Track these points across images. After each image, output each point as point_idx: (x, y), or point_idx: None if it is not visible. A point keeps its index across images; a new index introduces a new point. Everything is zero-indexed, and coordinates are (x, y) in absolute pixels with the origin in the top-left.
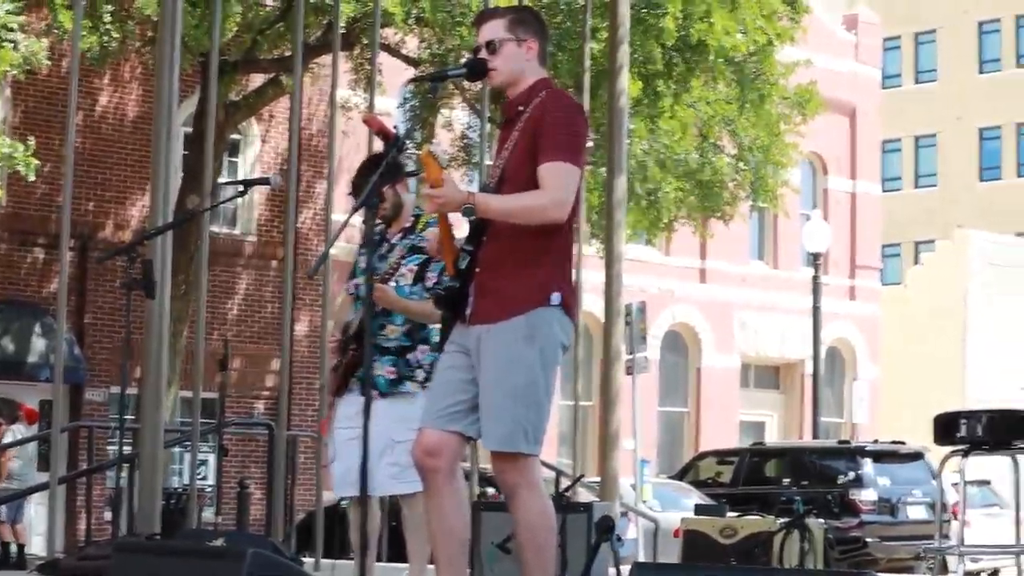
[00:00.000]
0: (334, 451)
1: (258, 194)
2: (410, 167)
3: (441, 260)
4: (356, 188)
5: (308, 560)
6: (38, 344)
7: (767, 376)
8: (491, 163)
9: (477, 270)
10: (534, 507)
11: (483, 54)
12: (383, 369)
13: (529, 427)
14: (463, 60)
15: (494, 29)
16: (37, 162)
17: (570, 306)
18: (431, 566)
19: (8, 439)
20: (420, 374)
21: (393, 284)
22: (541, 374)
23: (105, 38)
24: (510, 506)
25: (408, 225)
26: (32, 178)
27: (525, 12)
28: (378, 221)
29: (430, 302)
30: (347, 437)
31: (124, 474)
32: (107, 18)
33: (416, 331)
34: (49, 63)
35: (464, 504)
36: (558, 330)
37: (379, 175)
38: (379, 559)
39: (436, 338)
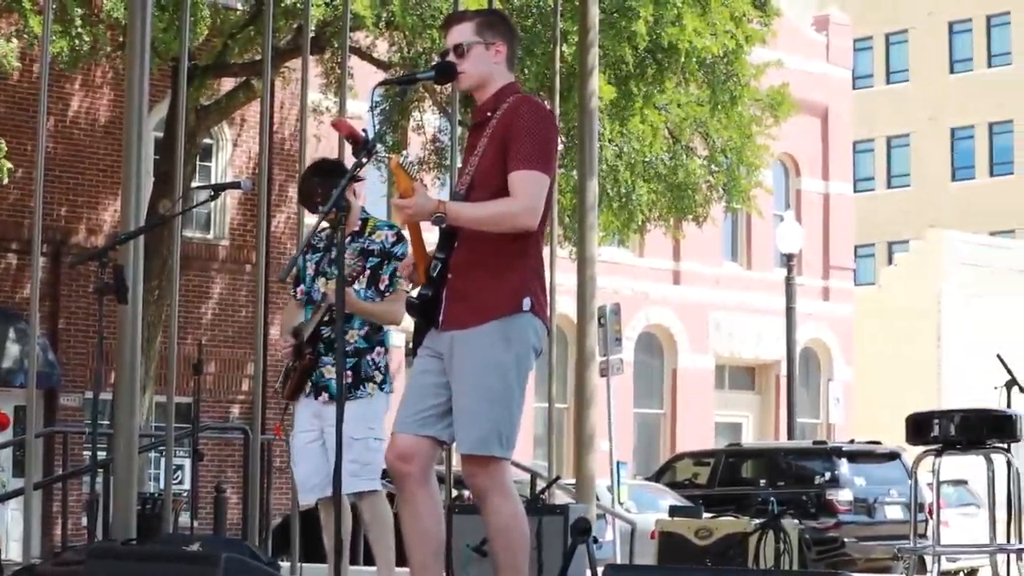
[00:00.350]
0: (292, 456)
1: (230, 198)
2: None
3: (393, 262)
4: (302, 194)
5: (285, 564)
6: (12, 349)
7: (742, 377)
8: (459, 168)
9: (449, 276)
10: (506, 510)
11: (451, 57)
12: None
13: (503, 431)
14: (432, 63)
15: (462, 32)
16: (10, 165)
17: (542, 311)
18: (401, 569)
19: None
20: (378, 375)
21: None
22: (516, 379)
23: (76, 41)
24: (482, 510)
25: (356, 229)
26: (4, 181)
27: (494, 15)
28: (325, 225)
29: (387, 303)
30: (306, 441)
31: (99, 479)
32: (78, 22)
33: (373, 334)
34: (19, 67)
35: (438, 508)
36: (532, 335)
37: (348, 178)
38: (353, 562)
39: (390, 341)
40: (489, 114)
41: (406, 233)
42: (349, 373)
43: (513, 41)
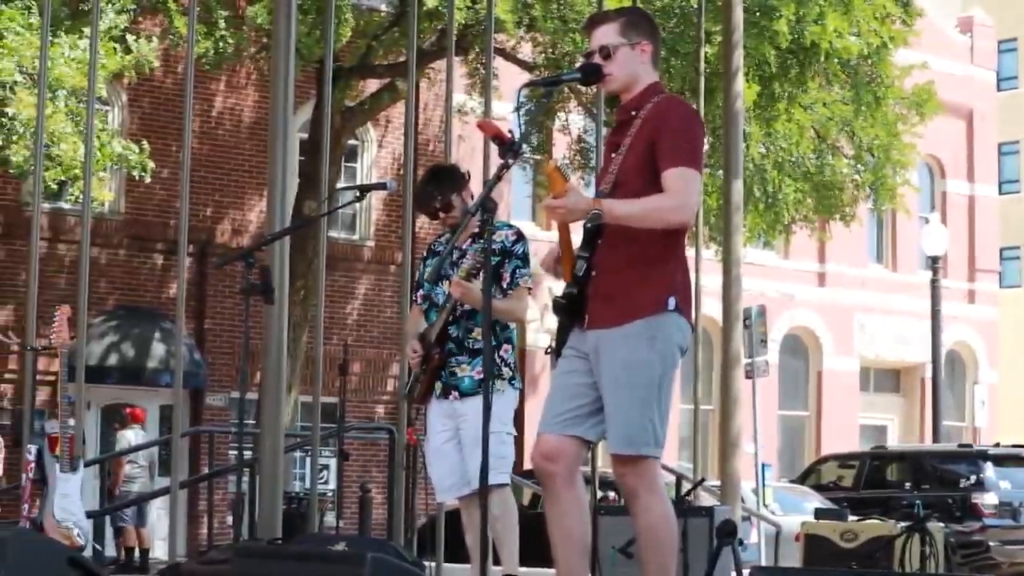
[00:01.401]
0: (427, 458)
1: (375, 199)
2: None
3: (513, 260)
4: (418, 201)
5: (430, 564)
6: (158, 349)
7: (887, 379)
8: (602, 168)
9: (593, 274)
10: (656, 510)
11: (596, 59)
12: (471, 370)
13: (652, 430)
14: (578, 64)
15: (607, 33)
16: (152, 164)
17: (686, 310)
18: (545, 570)
19: (123, 444)
20: (506, 371)
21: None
22: (662, 377)
23: (220, 43)
24: (631, 509)
25: (476, 231)
26: (148, 179)
27: (636, 14)
28: (445, 230)
29: (509, 300)
30: (441, 442)
31: (245, 479)
32: (221, 24)
33: (500, 331)
34: (160, 67)
35: (584, 509)
36: (677, 334)
37: (494, 179)
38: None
39: (516, 337)
40: (633, 113)
41: (536, 232)
42: (480, 370)
43: (657, 39)
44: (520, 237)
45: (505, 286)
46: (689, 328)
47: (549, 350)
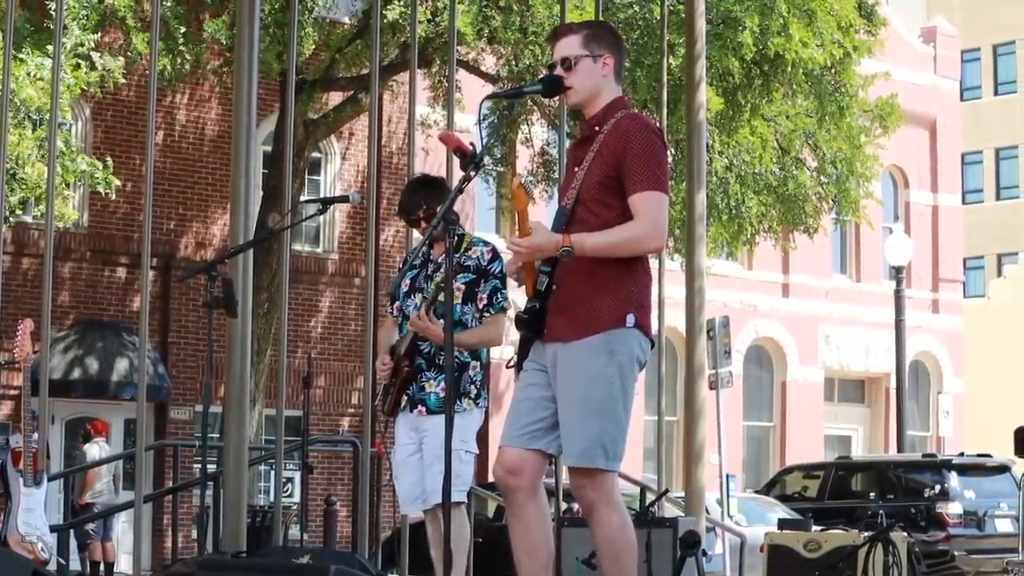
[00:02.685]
0: (392, 471)
1: (339, 212)
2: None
3: (490, 280)
4: (404, 209)
5: None
6: (121, 363)
7: (851, 390)
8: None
9: (554, 287)
10: (613, 522)
11: (559, 71)
12: (437, 387)
13: (608, 442)
14: (540, 76)
15: (569, 45)
16: (117, 181)
17: (646, 326)
18: None
19: (90, 459)
20: (473, 390)
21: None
22: (620, 390)
23: (178, 60)
24: (590, 522)
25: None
26: (112, 196)
27: (600, 27)
28: (424, 242)
29: (483, 328)
30: (406, 455)
31: (209, 492)
32: (180, 40)
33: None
34: (125, 82)
35: (547, 521)
36: (635, 348)
37: (455, 192)
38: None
39: (485, 356)
40: (597, 128)
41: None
42: (444, 387)
43: (620, 52)
44: (496, 256)
45: (482, 307)
46: (649, 343)
47: (511, 364)
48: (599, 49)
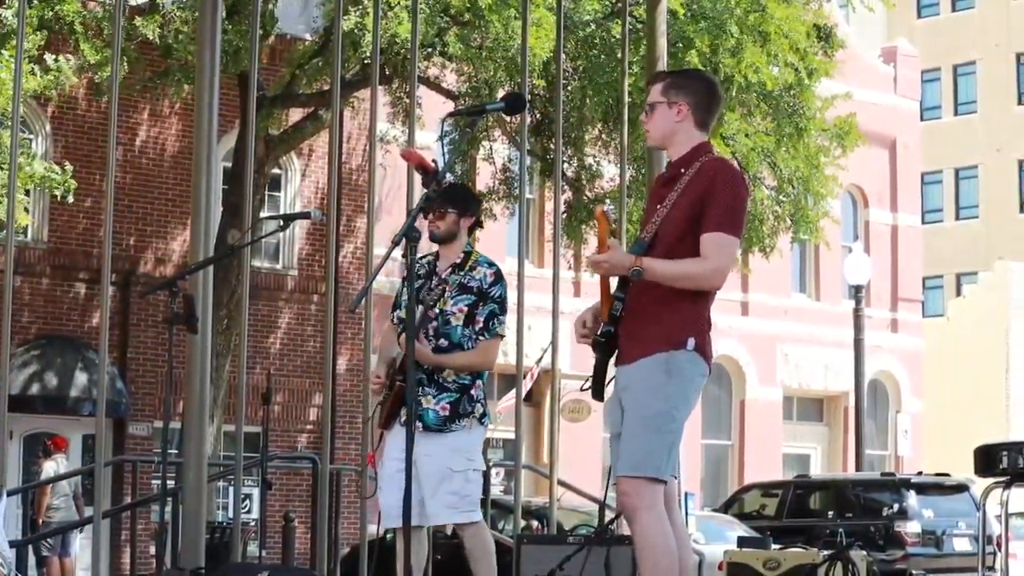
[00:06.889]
0: (378, 483)
1: (299, 228)
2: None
3: (489, 304)
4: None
5: None
6: (80, 379)
7: (811, 409)
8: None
9: (626, 313)
10: (654, 528)
11: (644, 115)
12: (437, 405)
13: (655, 454)
14: (501, 94)
15: (653, 92)
16: (75, 183)
17: (705, 352)
18: None
19: (48, 475)
20: (478, 408)
21: (436, 321)
22: (676, 406)
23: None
24: (631, 529)
25: (458, 261)
26: (71, 200)
27: (683, 76)
28: (427, 253)
29: (477, 352)
30: (396, 469)
31: (168, 508)
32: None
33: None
34: (83, 96)
35: (678, 535)
36: (693, 370)
37: (417, 209)
38: None
39: (486, 375)
40: (682, 170)
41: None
42: (447, 406)
43: (700, 100)
44: (498, 279)
45: (478, 330)
46: (707, 367)
47: (585, 387)
48: (676, 97)
